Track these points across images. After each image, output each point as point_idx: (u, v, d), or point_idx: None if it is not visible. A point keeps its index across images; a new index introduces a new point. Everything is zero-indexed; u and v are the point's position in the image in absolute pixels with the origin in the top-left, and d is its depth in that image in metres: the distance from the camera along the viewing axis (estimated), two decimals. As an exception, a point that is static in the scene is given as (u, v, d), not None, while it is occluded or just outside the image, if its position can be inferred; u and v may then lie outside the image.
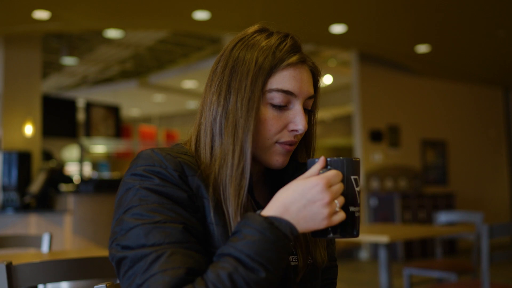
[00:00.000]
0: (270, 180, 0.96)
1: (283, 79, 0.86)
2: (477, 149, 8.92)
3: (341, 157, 0.79)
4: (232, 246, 0.73)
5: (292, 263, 0.88)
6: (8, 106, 6.07)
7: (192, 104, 12.48)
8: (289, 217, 0.74)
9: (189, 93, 11.14)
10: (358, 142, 7.28)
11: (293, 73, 0.87)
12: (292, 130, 0.87)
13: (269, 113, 0.86)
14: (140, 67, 10.12)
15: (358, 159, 0.79)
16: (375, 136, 7.38)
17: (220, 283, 0.70)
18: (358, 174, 0.79)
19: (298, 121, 0.86)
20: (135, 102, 12.09)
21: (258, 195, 0.93)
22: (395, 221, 6.82)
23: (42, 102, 6.44)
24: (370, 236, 2.81)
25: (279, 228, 0.73)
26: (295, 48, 0.89)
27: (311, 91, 0.89)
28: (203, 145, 0.87)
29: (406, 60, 7.48)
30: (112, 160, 12.04)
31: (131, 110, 13.12)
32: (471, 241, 4.08)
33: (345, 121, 10.40)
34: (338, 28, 5.98)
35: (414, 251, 6.89)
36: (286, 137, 0.87)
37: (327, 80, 9.13)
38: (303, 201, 0.74)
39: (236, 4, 5.23)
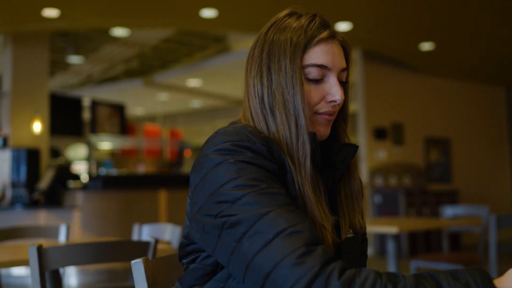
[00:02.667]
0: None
1: (317, 54, 0.93)
2: (481, 147, 8.97)
3: None
4: (448, 279, 0.71)
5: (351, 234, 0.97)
6: (16, 104, 6.13)
7: (196, 103, 12.53)
8: None
9: (193, 91, 11.19)
10: (362, 140, 7.33)
11: (325, 47, 0.93)
12: (331, 101, 0.93)
13: (307, 87, 0.92)
14: (145, 66, 10.17)
15: None
16: (379, 134, 7.43)
17: None
18: None
19: (335, 92, 0.93)
20: (139, 101, 12.15)
21: None
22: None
23: (49, 99, 6.51)
24: (379, 227, 2.85)
25: None
26: (324, 25, 0.96)
27: (343, 63, 0.96)
28: (258, 126, 0.93)
29: (410, 58, 7.52)
30: (116, 158, 12.10)
31: (135, 109, 13.18)
32: (476, 234, 4.14)
33: (349, 119, 10.45)
34: (343, 26, 6.04)
35: (419, 247, 6.93)
36: (324, 107, 0.93)
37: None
38: None
39: (243, 2, 5.28)
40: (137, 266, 1.08)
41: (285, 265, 0.71)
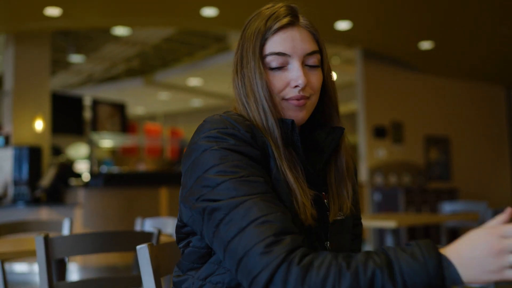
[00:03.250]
0: (306, 142, 1.06)
1: (275, 43, 0.97)
2: (480, 145, 9.00)
3: None
4: (395, 251, 0.76)
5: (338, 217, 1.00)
6: (18, 102, 6.17)
7: (197, 102, 12.56)
8: (458, 262, 0.73)
9: (193, 91, 11.23)
10: (362, 139, 7.37)
11: (283, 35, 0.97)
12: (295, 86, 0.96)
13: (270, 76, 0.97)
14: (145, 66, 10.21)
15: None
16: (379, 133, 7.47)
17: (363, 269, 0.73)
18: None
19: (296, 77, 0.95)
20: (140, 100, 12.19)
21: None
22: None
23: (51, 98, 6.55)
24: (378, 221, 2.88)
25: (442, 269, 0.73)
26: (285, 13, 0.99)
27: (307, 47, 0.98)
28: (242, 114, 0.99)
29: (409, 57, 7.56)
30: (117, 157, 12.13)
31: (136, 109, 13.22)
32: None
33: (349, 119, 10.49)
34: (343, 25, 6.07)
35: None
36: (290, 93, 0.97)
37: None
38: (472, 248, 0.73)
39: (243, 0, 5.31)
40: (142, 251, 1.11)
41: (254, 252, 0.77)
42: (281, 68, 0.96)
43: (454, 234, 7.37)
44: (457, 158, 8.62)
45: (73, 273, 5.25)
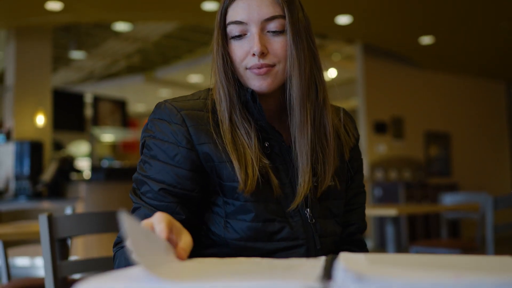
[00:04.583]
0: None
1: (233, 11, 0.95)
2: (480, 141, 9.01)
3: None
4: None
5: (314, 184, 0.98)
6: (19, 97, 6.19)
7: (197, 99, 12.56)
8: None
9: (194, 87, 11.24)
10: (363, 134, 7.38)
11: (240, 3, 0.95)
12: (254, 54, 0.93)
13: (233, 45, 0.96)
14: (146, 62, 10.22)
15: None
16: (379, 128, 7.48)
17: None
18: None
19: (253, 44, 0.93)
20: (141, 97, 12.19)
21: (279, 126, 1.01)
22: (400, 211, 6.91)
23: (52, 95, 6.56)
24: (378, 210, 2.90)
25: None
26: None
27: (265, 13, 0.93)
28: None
29: (410, 52, 7.57)
30: (117, 152, 12.16)
31: (137, 106, 13.23)
32: (475, 221, 4.18)
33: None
34: (343, 19, 6.08)
35: (418, 237, 6.98)
36: (251, 62, 0.94)
37: (331, 73, 9.24)
38: None
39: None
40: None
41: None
42: (241, 36, 0.95)
43: (454, 227, 7.39)
44: (457, 154, 8.63)
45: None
